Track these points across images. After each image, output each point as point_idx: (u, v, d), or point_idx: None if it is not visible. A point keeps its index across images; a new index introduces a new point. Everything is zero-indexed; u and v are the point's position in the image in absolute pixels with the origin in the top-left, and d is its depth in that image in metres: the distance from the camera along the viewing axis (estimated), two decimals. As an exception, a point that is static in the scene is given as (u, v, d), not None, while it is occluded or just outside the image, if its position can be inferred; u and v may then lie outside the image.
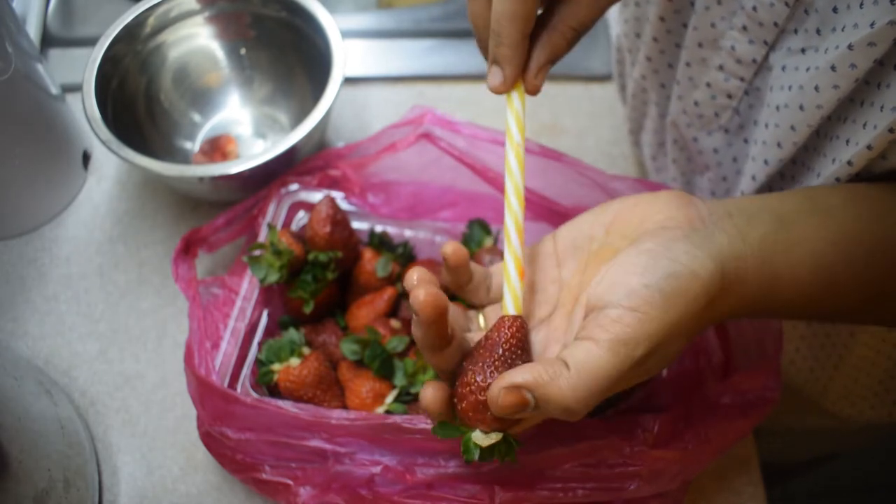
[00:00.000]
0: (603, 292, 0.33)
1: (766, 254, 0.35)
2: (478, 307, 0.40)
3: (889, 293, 0.38)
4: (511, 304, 0.35)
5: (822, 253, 0.36)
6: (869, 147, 0.37)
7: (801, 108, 0.41)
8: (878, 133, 0.36)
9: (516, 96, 0.38)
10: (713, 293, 0.33)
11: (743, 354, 0.48)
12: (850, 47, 0.36)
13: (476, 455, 0.33)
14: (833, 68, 0.38)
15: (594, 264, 0.37)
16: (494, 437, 0.33)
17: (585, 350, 0.31)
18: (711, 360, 0.48)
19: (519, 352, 0.34)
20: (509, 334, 0.34)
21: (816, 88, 0.39)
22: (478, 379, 0.33)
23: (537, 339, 0.37)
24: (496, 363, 0.33)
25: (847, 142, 0.39)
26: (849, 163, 0.39)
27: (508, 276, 0.36)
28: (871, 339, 0.58)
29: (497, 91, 0.39)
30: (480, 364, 0.33)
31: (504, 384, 0.31)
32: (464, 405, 0.33)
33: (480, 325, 0.39)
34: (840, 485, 1.26)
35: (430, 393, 0.34)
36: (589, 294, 0.34)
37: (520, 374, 0.31)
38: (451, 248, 0.36)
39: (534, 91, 0.39)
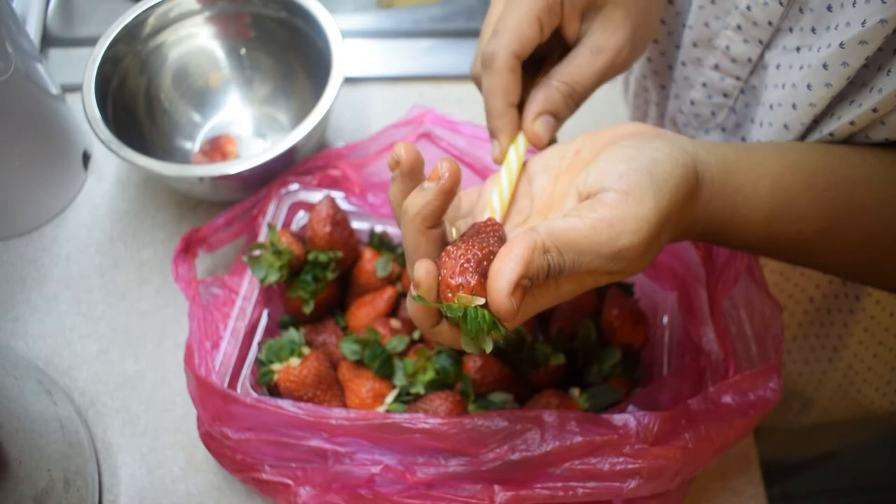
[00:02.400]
0: (595, 180, 0.33)
1: (728, 167, 0.36)
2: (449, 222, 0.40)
3: (845, 233, 0.39)
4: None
5: (780, 175, 0.37)
6: (851, 123, 0.39)
7: (794, 106, 0.41)
8: (862, 112, 0.37)
9: (512, 151, 0.41)
10: (692, 182, 0.34)
11: (744, 354, 0.48)
12: (841, 45, 0.36)
13: (460, 311, 0.32)
14: (825, 66, 0.38)
15: (565, 176, 0.38)
16: (478, 300, 0.32)
17: (566, 222, 0.32)
18: (711, 359, 0.48)
19: (495, 237, 0.34)
20: (489, 227, 0.35)
21: (809, 87, 0.40)
22: (459, 251, 0.33)
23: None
24: (474, 241, 0.33)
25: (839, 118, 0.40)
26: (831, 134, 0.40)
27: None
28: (865, 334, 0.58)
29: (497, 161, 0.41)
30: (460, 242, 0.34)
31: (508, 291, 0.30)
32: (444, 272, 0.32)
33: (453, 235, 0.38)
34: (840, 485, 1.26)
35: (424, 267, 0.32)
36: (580, 185, 0.34)
37: (508, 271, 0.30)
38: (404, 148, 0.35)
39: (534, 140, 0.41)
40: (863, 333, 0.58)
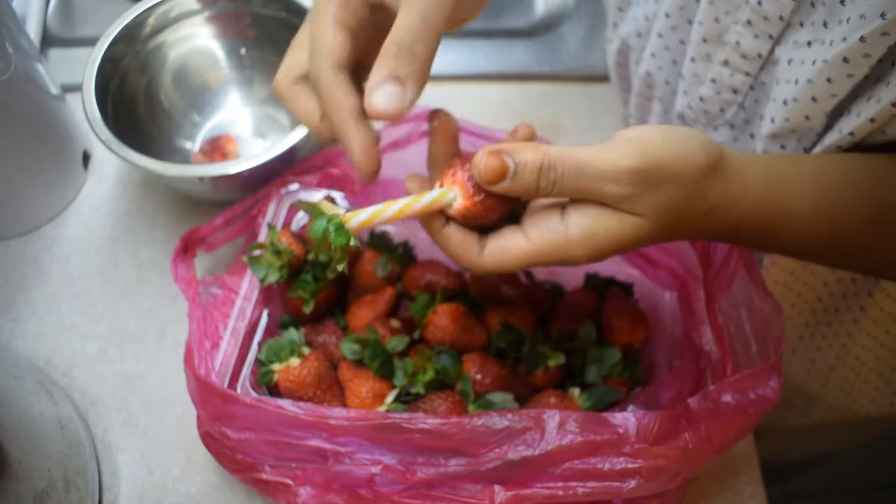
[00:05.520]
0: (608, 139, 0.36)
1: (768, 164, 0.38)
2: None
3: (891, 233, 0.39)
4: None
5: (822, 170, 0.38)
6: (872, 120, 0.39)
7: (814, 99, 0.41)
8: (882, 107, 0.38)
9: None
10: (713, 154, 0.35)
11: (744, 354, 0.48)
12: (862, 39, 0.36)
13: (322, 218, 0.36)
14: (846, 60, 0.38)
15: None
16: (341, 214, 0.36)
17: (576, 148, 0.34)
18: (711, 359, 0.48)
19: None
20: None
21: (829, 80, 0.40)
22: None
23: None
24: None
25: (858, 115, 0.40)
26: (851, 133, 0.40)
27: None
28: (875, 327, 0.58)
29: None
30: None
31: (488, 149, 0.34)
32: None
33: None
34: (840, 485, 1.26)
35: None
36: None
37: (503, 144, 0.35)
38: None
39: (377, 113, 0.37)
40: (872, 325, 0.58)
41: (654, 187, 0.34)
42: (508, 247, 0.36)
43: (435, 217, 0.38)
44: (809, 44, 0.42)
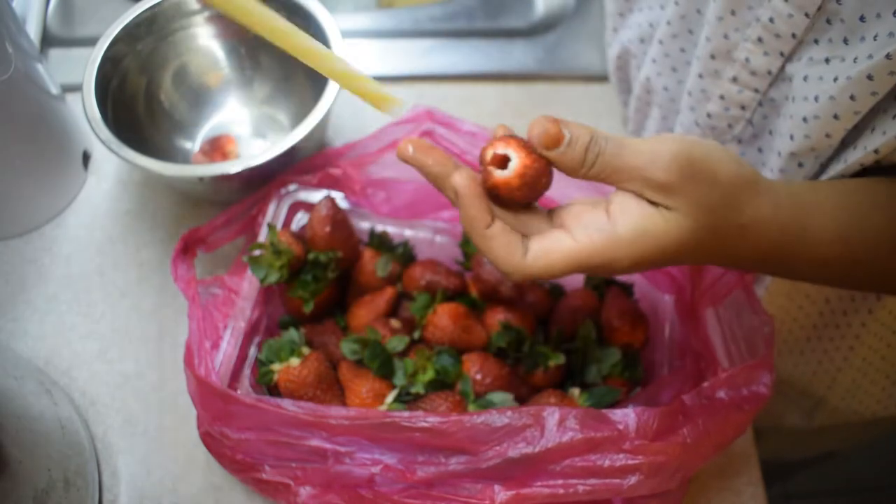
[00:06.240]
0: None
1: (795, 186, 0.37)
2: None
3: None
4: None
5: (846, 194, 0.38)
6: None
7: (836, 117, 0.41)
8: None
9: None
10: (747, 169, 0.35)
11: (737, 355, 0.48)
12: (888, 56, 0.36)
13: None
14: (870, 77, 0.37)
15: None
16: None
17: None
18: (708, 359, 0.48)
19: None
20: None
21: (853, 97, 0.39)
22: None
23: None
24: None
25: (883, 132, 0.39)
26: (875, 151, 0.39)
27: None
28: (882, 329, 0.58)
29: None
30: None
31: (547, 117, 0.34)
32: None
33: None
34: (839, 485, 1.26)
35: (462, 175, 0.35)
36: None
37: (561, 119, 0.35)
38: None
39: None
40: (880, 327, 0.58)
41: (690, 179, 0.33)
42: (553, 248, 0.35)
43: (479, 211, 0.35)
44: (827, 60, 0.41)
